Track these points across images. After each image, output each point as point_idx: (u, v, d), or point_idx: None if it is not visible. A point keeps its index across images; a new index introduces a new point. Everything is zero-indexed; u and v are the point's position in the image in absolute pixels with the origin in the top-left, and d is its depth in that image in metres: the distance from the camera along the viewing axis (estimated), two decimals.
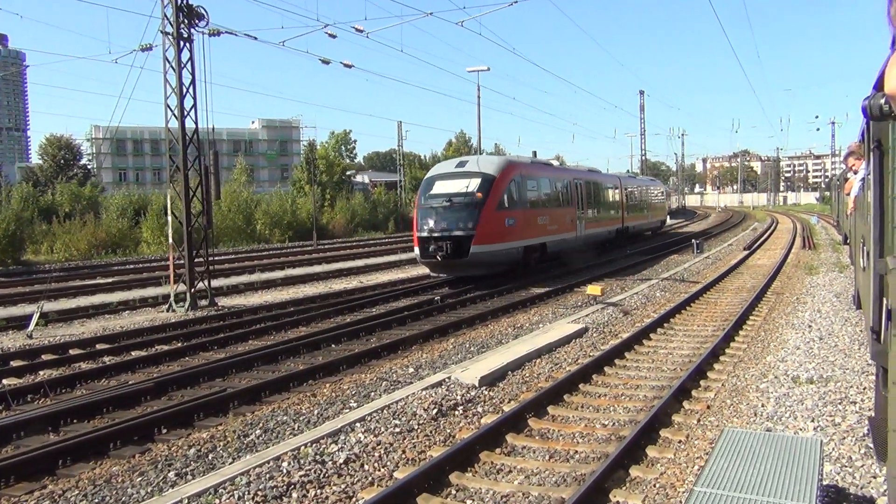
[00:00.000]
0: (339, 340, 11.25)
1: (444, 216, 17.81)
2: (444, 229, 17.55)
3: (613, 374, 9.30)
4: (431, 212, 18.13)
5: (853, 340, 10.57)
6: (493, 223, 17.74)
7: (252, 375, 9.21)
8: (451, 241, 17.28)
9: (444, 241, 17.36)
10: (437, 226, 17.73)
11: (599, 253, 26.34)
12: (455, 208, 17.80)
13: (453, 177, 18.92)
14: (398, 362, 9.68)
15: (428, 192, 18.87)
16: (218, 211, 42.35)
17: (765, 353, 10.11)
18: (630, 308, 14.22)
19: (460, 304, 14.93)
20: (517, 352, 9.95)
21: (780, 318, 12.86)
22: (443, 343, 10.92)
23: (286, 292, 18.77)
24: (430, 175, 20.10)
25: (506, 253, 18.39)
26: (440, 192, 18.46)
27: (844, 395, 7.73)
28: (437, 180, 19.16)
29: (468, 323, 12.49)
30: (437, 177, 19.42)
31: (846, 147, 12.60)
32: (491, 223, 17.66)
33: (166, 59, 15.37)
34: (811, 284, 17.36)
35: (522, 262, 19.59)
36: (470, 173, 18.64)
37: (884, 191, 3.80)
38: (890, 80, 1.23)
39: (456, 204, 17.86)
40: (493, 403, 7.94)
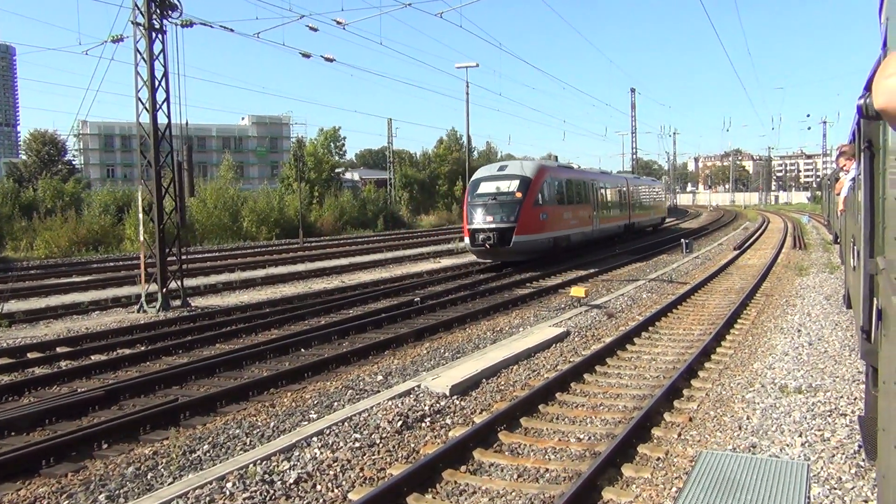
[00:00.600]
0: (310, 344, 10.76)
1: (490, 211, 21.09)
2: (490, 222, 20.85)
3: (593, 381, 8.86)
4: (479, 208, 21.38)
5: (843, 346, 10.18)
6: (530, 217, 21.07)
7: (211, 383, 8.72)
8: (497, 232, 20.50)
9: (490, 232, 20.57)
10: (485, 219, 20.99)
11: (610, 245, 29.38)
12: (499, 205, 21.13)
13: (496, 178, 22.19)
14: (367, 369, 9.21)
15: (475, 192, 22.01)
16: (203, 208, 41.89)
17: (752, 359, 9.70)
18: (615, 310, 13.80)
19: (440, 305, 14.48)
20: (493, 358, 9.50)
21: (768, 322, 12.47)
22: (417, 348, 10.45)
23: (264, 292, 18.26)
24: (475, 177, 23.19)
25: (540, 242, 21.75)
26: (486, 192, 21.74)
27: (834, 406, 7.32)
28: (482, 181, 22.41)
29: (446, 326, 12.03)
30: (483, 178, 22.65)
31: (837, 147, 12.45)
32: (529, 217, 20.99)
33: (137, 50, 14.83)
34: (801, 286, 16.99)
35: (552, 250, 22.80)
36: (510, 175, 22.01)
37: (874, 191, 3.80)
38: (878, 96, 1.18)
39: (500, 201, 21.19)
40: (464, 414, 7.48)
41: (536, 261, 21.98)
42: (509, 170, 22.71)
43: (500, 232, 20.49)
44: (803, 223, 47.46)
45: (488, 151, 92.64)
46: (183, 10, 14.73)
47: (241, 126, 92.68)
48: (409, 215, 66.23)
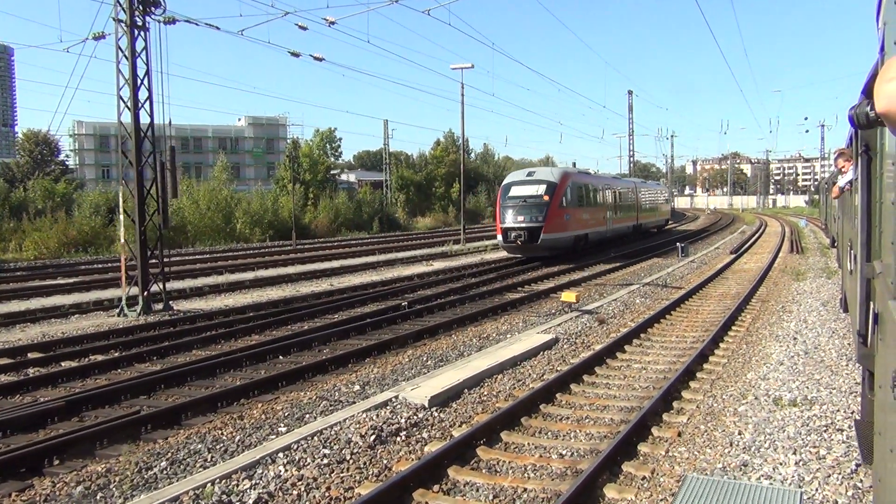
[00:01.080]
0: (289, 351, 10.39)
1: (520, 212, 23.59)
2: (521, 222, 23.42)
3: (580, 392, 8.51)
4: (510, 209, 23.93)
5: (840, 355, 9.84)
6: (556, 217, 23.68)
7: (181, 392, 8.35)
8: (527, 231, 23.16)
9: (521, 230, 23.23)
10: (516, 219, 23.57)
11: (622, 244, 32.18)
12: (528, 206, 23.66)
13: (525, 183, 24.85)
14: (345, 378, 8.84)
15: (507, 195, 24.69)
16: (196, 209, 41.50)
17: (745, 368, 9.35)
18: (606, 316, 13.44)
19: (428, 310, 14.11)
20: (477, 366, 9.14)
21: (763, 329, 12.12)
22: (399, 356, 10.07)
23: (251, 295, 17.89)
24: (507, 182, 25.92)
25: (564, 240, 24.52)
26: (517, 195, 24.36)
27: (830, 420, 6.97)
28: (513, 186, 25.11)
29: (431, 332, 11.66)
30: (513, 183, 25.34)
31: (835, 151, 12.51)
32: (555, 217, 23.60)
33: (119, 48, 14.46)
34: (798, 291, 16.66)
35: (573, 247, 25.48)
36: (538, 181, 24.70)
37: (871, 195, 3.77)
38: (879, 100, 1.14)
39: (529, 203, 23.75)
40: (442, 427, 7.12)
41: (559, 256, 24.53)
42: (537, 175, 25.40)
43: (529, 230, 23.21)
44: (801, 227, 47.17)
45: (485, 153, 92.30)
46: (166, 7, 14.37)
47: (237, 127, 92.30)
48: (406, 217, 65.85)
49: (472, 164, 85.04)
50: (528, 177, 25.56)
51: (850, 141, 7.77)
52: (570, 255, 25.23)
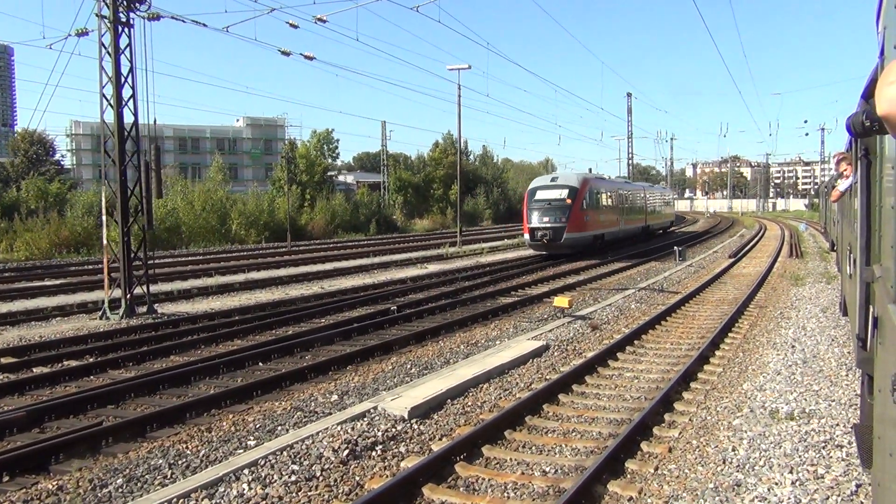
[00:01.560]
0: (269, 358, 10.04)
1: (545, 214, 26.14)
2: (546, 222, 25.98)
3: (569, 403, 8.15)
4: (536, 211, 26.44)
5: (840, 364, 9.49)
6: (577, 218, 26.25)
7: (150, 402, 7.99)
8: (551, 230, 25.78)
9: (546, 230, 25.84)
10: (541, 220, 26.10)
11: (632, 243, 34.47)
12: (553, 208, 26.22)
13: (550, 188, 27.42)
14: (324, 387, 8.48)
15: (533, 198, 27.20)
16: (191, 210, 41.15)
17: (741, 378, 9.00)
18: (600, 322, 13.10)
19: (417, 315, 13.75)
20: (463, 375, 8.79)
21: (761, 336, 11.78)
22: (382, 363, 9.72)
23: (239, 298, 17.53)
24: (532, 186, 28.40)
25: (584, 239, 27.13)
26: (542, 198, 26.92)
27: (829, 435, 6.62)
28: (538, 190, 27.61)
29: (417, 338, 11.30)
30: (539, 187, 27.85)
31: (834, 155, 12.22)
32: (576, 218, 26.18)
33: (102, 44, 14.12)
34: (797, 297, 16.31)
35: (592, 245, 27.98)
36: (561, 185, 27.38)
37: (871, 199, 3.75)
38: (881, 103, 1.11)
39: (553, 205, 26.32)
40: (421, 441, 6.77)
41: (580, 253, 26.96)
42: (560, 181, 28.21)
43: (554, 230, 25.86)
44: (800, 231, 46.84)
45: (484, 155, 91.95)
46: (150, 3, 14.03)
47: (235, 127, 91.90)
48: (404, 219, 65.48)
49: (471, 167, 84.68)
50: (552, 182, 28.29)
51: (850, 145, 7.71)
52: (589, 252, 27.63)
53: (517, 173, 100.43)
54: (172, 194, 42.54)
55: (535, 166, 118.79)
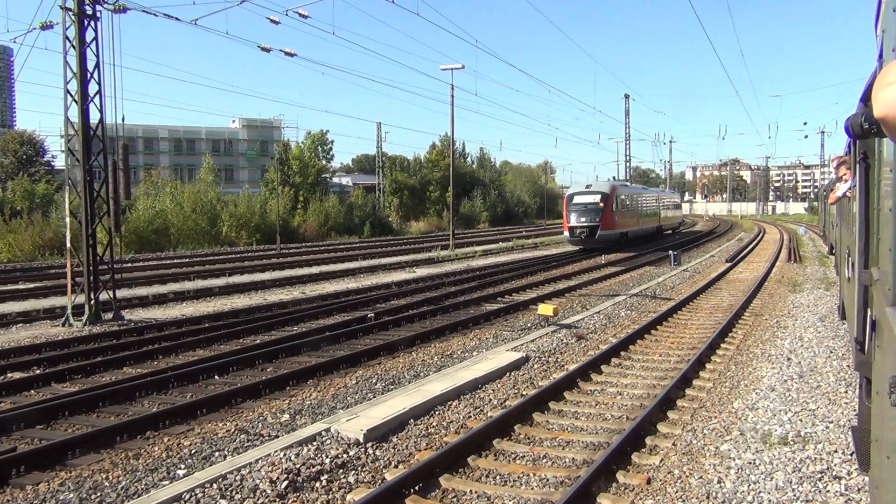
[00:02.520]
0: (227, 370, 9.36)
1: (582, 215, 31.42)
2: (583, 222, 31.23)
3: (543, 423, 7.48)
4: (574, 213, 31.79)
5: (839, 380, 8.83)
6: (608, 219, 31.36)
7: (86, 421, 7.31)
8: (588, 229, 31.00)
9: (583, 228, 31.09)
10: (579, 220, 31.37)
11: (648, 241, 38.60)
12: (588, 211, 31.39)
13: (585, 194, 32.71)
14: (277, 405, 7.81)
15: (571, 202, 32.54)
16: (180, 212, 40.49)
17: (732, 395, 8.33)
18: (586, 331, 12.43)
19: (395, 323, 13.07)
20: (431, 391, 8.12)
21: (755, 347, 11.11)
22: (346, 377, 9.04)
23: (215, 304, 16.87)
24: (570, 192, 34.38)
25: (614, 236, 32.40)
26: (579, 202, 32.12)
27: (827, 464, 5.96)
28: (575, 195, 33.10)
29: (389, 349, 10.62)
30: (576, 193, 33.41)
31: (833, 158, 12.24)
32: (607, 219, 31.32)
33: (67, 38, 13.48)
34: (794, 304, 15.65)
35: (619, 241, 33.29)
36: (594, 192, 32.47)
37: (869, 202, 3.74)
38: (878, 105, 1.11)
39: (589, 208, 31.48)
40: (375, 469, 6.10)
41: (609, 247, 31.72)
42: (593, 188, 33.31)
43: (589, 228, 31.07)
44: (799, 235, 46.19)
45: (482, 157, 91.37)
46: None
47: (231, 129, 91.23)
48: (399, 222, 64.80)
49: (469, 169, 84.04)
50: (586, 189, 33.55)
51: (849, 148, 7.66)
52: (616, 247, 32.50)
53: (515, 176, 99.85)
54: (162, 196, 41.95)
55: (533, 169, 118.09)
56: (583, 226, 31.18)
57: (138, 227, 37.45)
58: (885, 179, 2.82)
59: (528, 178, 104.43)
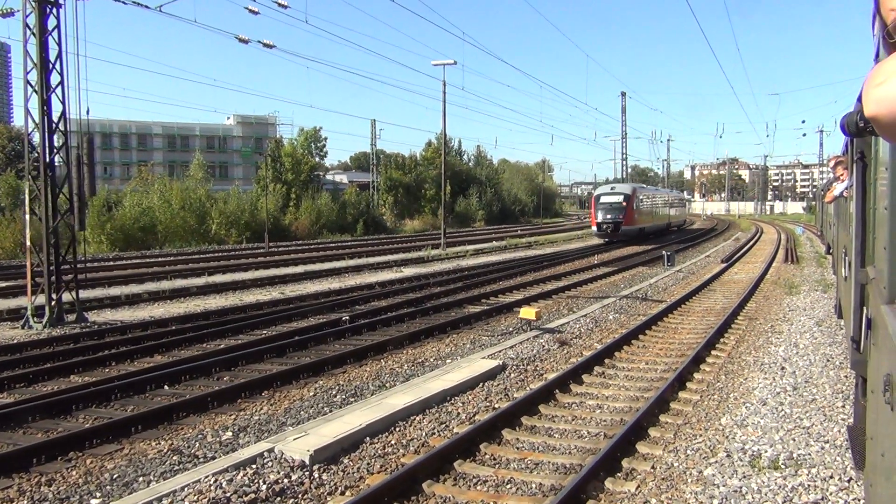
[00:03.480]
0: (179, 379, 8.71)
1: (608, 212, 36.55)
2: (608, 219, 36.36)
3: (513, 442, 6.85)
4: (601, 210, 36.91)
5: (836, 392, 8.21)
6: (630, 216, 36.43)
7: (10, 438, 6.66)
8: (612, 224, 36.11)
9: (609, 224, 36.21)
10: (605, 217, 36.51)
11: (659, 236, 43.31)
12: (613, 209, 36.53)
13: (610, 194, 38.18)
14: (222, 420, 7.17)
15: (599, 201, 37.76)
16: (168, 209, 39.79)
17: (720, 410, 7.70)
18: (570, 336, 11.79)
19: (369, 326, 12.42)
20: (393, 404, 7.49)
21: (747, 355, 10.49)
22: (305, 388, 8.40)
23: (188, 304, 16.23)
24: (597, 193, 39.90)
25: (634, 230, 37.38)
26: (605, 201, 37.32)
27: (822, 493, 5.34)
28: (602, 195, 38.42)
29: (358, 356, 9.97)
30: (602, 193, 38.86)
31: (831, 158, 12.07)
32: (629, 215, 36.39)
33: (27, 25, 12.81)
34: (790, 307, 15.04)
35: (638, 235, 38.03)
36: (618, 192, 38.01)
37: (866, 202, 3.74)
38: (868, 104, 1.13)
39: (613, 207, 36.60)
40: (317, 497, 5.47)
41: (630, 240, 36.74)
42: (617, 189, 39.31)
43: (614, 223, 36.37)
44: (797, 234, 45.59)
45: (478, 155, 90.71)
46: None
47: (225, 126, 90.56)
48: (394, 220, 64.10)
49: (464, 167, 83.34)
50: (611, 190, 39.57)
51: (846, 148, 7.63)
52: (636, 240, 37.31)
53: (513, 174, 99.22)
54: (151, 192, 41.28)
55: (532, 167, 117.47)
56: (608, 221, 36.54)
57: (124, 224, 36.79)
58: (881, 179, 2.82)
59: (526, 177, 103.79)
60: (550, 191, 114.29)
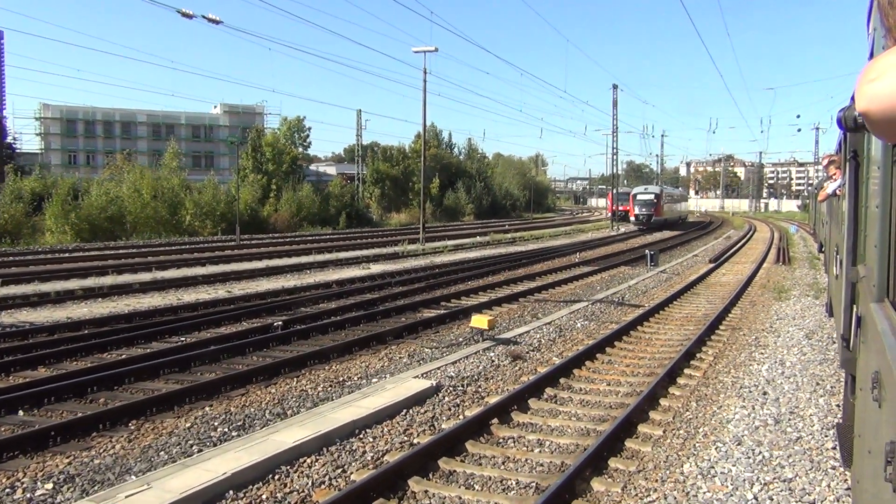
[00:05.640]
0: (42, 401, 7.26)
1: (643, 207, 48.28)
2: (644, 212, 48.14)
3: (420, 495, 5.44)
4: (638, 205, 48.59)
5: (825, 428, 6.83)
6: (659, 210, 48.14)
7: None
8: (646, 216, 47.93)
9: (644, 215, 48.06)
10: (641, 210, 48.34)
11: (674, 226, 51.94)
12: (647, 204, 48.19)
13: (644, 193, 49.95)
14: (54, 463, 5.73)
15: (636, 198, 49.36)
16: (138, 198, 38.22)
17: (685, 451, 6.31)
18: (527, 349, 10.39)
19: (302, 334, 10.94)
20: (282, 441, 6.07)
21: (725, 374, 9.11)
22: (182, 417, 6.94)
23: (119, 303, 14.79)
24: (634, 192, 51.64)
25: (660, 221, 48.42)
26: (640, 199, 48.89)
27: None
28: (638, 194, 49.95)
29: (270, 373, 8.52)
30: (638, 192, 50.75)
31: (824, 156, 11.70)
32: (659, 209, 48.06)
33: None
34: (778, 315, 13.69)
35: (664, 225, 48.97)
36: (650, 192, 50.14)
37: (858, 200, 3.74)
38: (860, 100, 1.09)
39: (647, 202, 48.29)
40: None
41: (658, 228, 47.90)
42: (649, 190, 51.79)
43: (647, 215, 48.02)
44: (791, 233, 44.32)
45: (470, 148, 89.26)
46: None
47: (212, 115, 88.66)
48: (381, 213, 62.58)
49: (454, 160, 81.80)
50: (644, 190, 51.88)
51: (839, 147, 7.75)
52: (662, 228, 48.14)
53: (506, 168, 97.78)
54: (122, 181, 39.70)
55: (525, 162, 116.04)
56: (644, 214, 48.52)
57: (90, 214, 35.24)
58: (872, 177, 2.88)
59: (519, 171, 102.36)
60: (543, 185, 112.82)
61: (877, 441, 1.89)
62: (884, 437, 1.72)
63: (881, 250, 2.44)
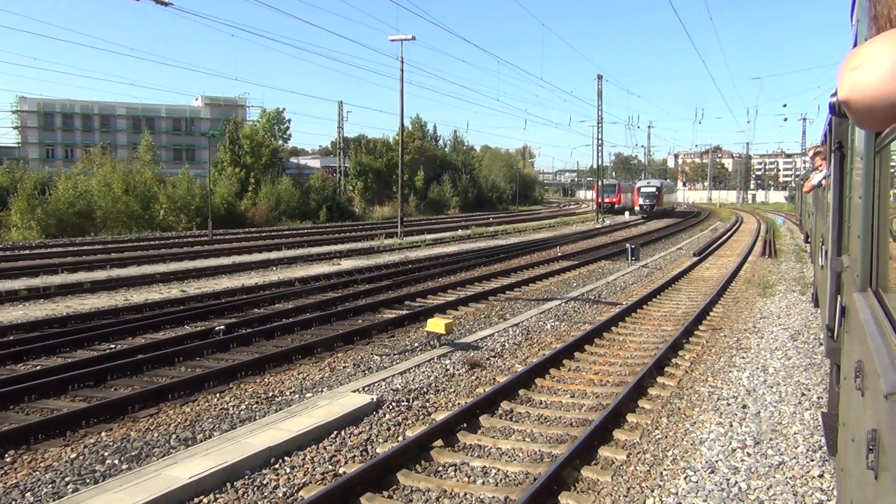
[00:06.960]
0: None
1: (646, 198, 57.95)
2: (647, 202, 57.84)
3: None
4: (642, 196, 58.42)
5: (811, 449, 6.00)
6: (660, 200, 58.08)
7: None
8: (650, 206, 57.41)
9: (648, 205, 57.54)
10: (645, 201, 58.04)
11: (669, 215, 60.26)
12: (650, 195, 58.03)
13: (647, 186, 60.05)
14: None
15: (640, 191, 59.45)
16: (108, 192, 37.05)
17: (648, 483, 5.45)
18: (488, 354, 9.51)
19: (245, 340, 10.01)
20: (175, 478, 5.15)
21: (702, 383, 8.27)
22: (72, 444, 6.00)
23: (60, 304, 13.80)
24: (638, 185, 62.63)
25: (661, 210, 57.90)
26: (644, 191, 58.97)
27: None
28: (642, 187, 60.44)
29: (189, 387, 7.58)
30: (642, 185, 61.25)
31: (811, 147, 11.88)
32: (659, 200, 58.06)
33: None
34: (762, 313, 12.89)
35: (663, 213, 58.20)
36: (652, 185, 60.71)
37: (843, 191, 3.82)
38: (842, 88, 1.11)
39: (650, 194, 58.19)
40: None
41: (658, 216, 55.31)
42: (652, 182, 61.62)
43: (650, 205, 56.58)
44: (777, 225, 43.72)
45: (455, 140, 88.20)
46: None
47: (193, 107, 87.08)
48: (365, 206, 61.55)
49: (440, 152, 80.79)
50: (647, 183, 60.06)
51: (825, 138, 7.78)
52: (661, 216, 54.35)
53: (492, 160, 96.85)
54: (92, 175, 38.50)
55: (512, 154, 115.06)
56: (647, 203, 56.47)
57: (58, 209, 34.05)
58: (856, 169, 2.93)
59: (506, 163, 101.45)
60: (530, 178, 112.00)
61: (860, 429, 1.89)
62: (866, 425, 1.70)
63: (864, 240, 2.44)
